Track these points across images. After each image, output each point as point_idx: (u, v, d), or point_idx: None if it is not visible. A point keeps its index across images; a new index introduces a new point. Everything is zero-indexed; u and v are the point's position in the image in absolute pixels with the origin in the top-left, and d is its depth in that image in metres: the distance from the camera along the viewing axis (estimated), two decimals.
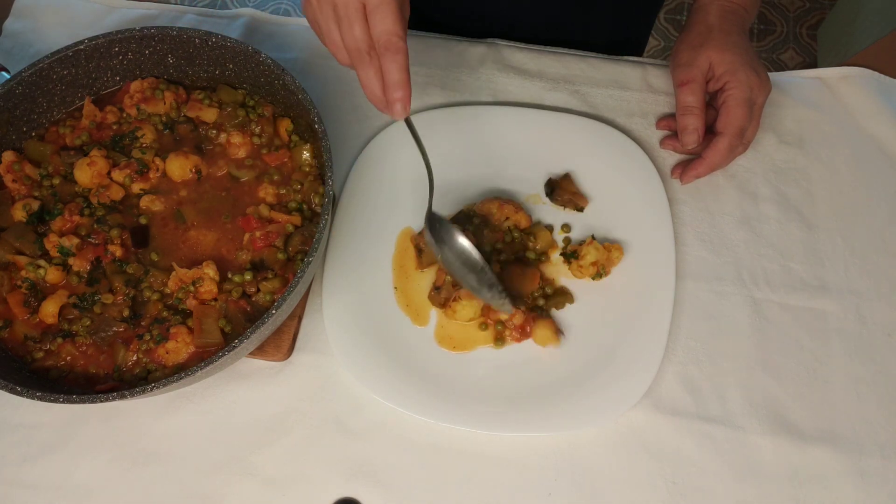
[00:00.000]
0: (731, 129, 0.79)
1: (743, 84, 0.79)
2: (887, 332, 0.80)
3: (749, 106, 0.79)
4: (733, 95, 0.79)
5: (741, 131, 0.80)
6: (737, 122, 0.79)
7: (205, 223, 0.78)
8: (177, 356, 0.71)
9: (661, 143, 0.87)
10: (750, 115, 0.80)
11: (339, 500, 0.73)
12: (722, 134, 0.80)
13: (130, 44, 0.81)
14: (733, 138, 0.80)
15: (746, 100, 0.79)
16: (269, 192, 0.78)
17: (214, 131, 0.81)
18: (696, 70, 0.81)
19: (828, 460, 0.74)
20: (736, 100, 0.79)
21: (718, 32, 0.82)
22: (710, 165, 0.82)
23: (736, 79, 0.79)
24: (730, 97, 0.79)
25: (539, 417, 0.74)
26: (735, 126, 0.79)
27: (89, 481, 0.74)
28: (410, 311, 0.80)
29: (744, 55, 0.80)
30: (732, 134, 0.80)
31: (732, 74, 0.79)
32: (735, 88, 0.79)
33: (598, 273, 0.80)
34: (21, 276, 0.75)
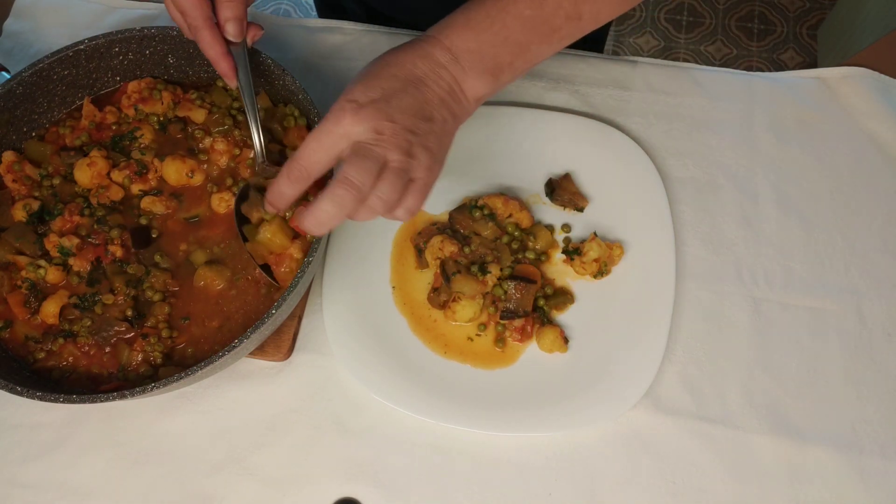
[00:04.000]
0: (291, 157, 0.62)
1: (330, 115, 0.61)
2: (887, 332, 0.80)
3: (321, 140, 0.60)
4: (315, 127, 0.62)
5: (298, 163, 0.61)
6: (297, 152, 0.61)
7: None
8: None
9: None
10: (320, 150, 0.61)
11: (339, 500, 0.73)
12: (287, 162, 0.63)
13: (131, 44, 0.81)
14: (289, 167, 0.62)
15: (320, 132, 0.61)
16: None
17: (201, 132, 0.81)
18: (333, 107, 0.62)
19: (828, 460, 0.74)
20: (313, 130, 0.62)
21: (375, 63, 0.65)
22: (273, 191, 0.63)
23: (331, 108, 0.61)
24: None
25: (539, 417, 0.74)
26: (295, 155, 0.62)
27: (89, 481, 0.74)
28: (405, 310, 0.80)
29: (361, 87, 0.61)
30: (290, 161, 0.62)
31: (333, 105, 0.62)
32: (322, 121, 0.61)
33: (599, 271, 0.80)
34: (21, 277, 0.75)
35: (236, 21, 0.70)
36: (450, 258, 0.79)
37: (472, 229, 0.81)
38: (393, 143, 0.60)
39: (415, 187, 0.62)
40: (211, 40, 0.70)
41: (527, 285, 0.77)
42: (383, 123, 0.60)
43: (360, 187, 0.59)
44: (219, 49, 0.71)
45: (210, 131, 0.81)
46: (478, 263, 0.78)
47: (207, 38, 0.70)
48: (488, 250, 0.79)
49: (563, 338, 0.77)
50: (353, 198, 0.59)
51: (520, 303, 0.77)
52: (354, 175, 0.59)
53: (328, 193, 0.59)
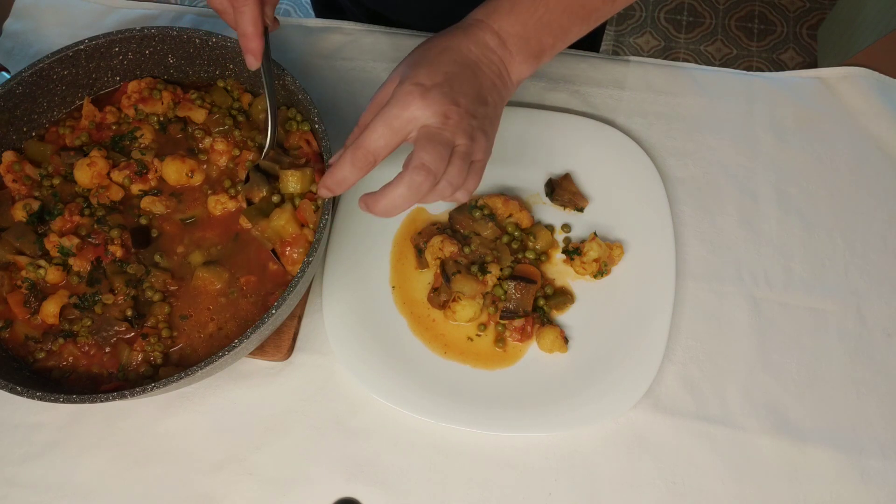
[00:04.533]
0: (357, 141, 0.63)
1: (395, 100, 0.62)
2: (887, 332, 0.80)
3: (388, 123, 0.62)
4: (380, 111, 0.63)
5: (367, 148, 0.63)
6: (364, 136, 0.63)
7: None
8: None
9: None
10: (388, 134, 0.62)
11: (339, 500, 0.73)
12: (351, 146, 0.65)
13: (131, 44, 0.81)
14: (354, 151, 0.63)
15: (388, 117, 0.62)
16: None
17: (201, 132, 0.81)
18: (382, 89, 0.66)
19: (828, 460, 0.74)
20: (377, 115, 0.63)
21: (425, 48, 0.66)
22: (333, 177, 0.65)
23: (394, 93, 0.63)
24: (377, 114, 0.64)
25: (539, 417, 0.74)
26: (361, 139, 0.63)
27: (89, 481, 0.74)
28: (405, 310, 0.80)
29: (424, 72, 0.62)
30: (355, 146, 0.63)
31: (395, 89, 0.63)
32: (387, 104, 0.63)
33: (600, 271, 0.80)
34: (21, 276, 0.75)
35: (272, 5, 0.72)
36: (450, 258, 0.79)
37: (472, 229, 0.81)
38: (459, 127, 0.61)
39: (474, 169, 0.64)
40: (256, 17, 0.69)
41: (527, 285, 0.77)
42: (450, 107, 0.61)
43: (435, 173, 0.60)
44: (260, 27, 0.70)
45: (210, 131, 0.81)
46: (478, 263, 0.78)
47: (253, 14, 0.69)
48: (488, 250, 0.79)
49: (563, 338, 0.77)
50: (429, 183, 0.61)
51: (520, 303, 0.77)
52: (430, 161, 0.60)
53: (405, 179, 0.61)
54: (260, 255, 0.76)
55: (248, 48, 0.71)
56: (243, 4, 0.68)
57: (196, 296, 0.75)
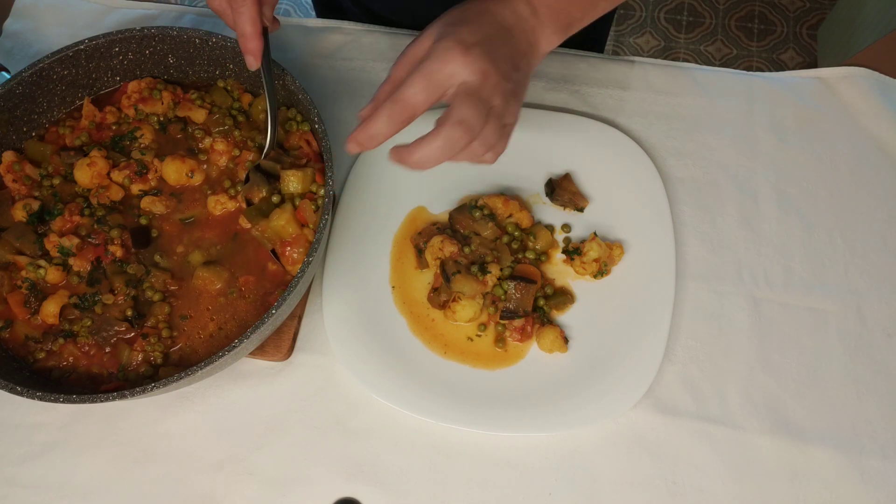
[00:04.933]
0: (394, 95, 0.63)
1: (434, 55, 0.62)
2: (887, 332, 0.80)
3: (428, 78, 0.62)
4: (418, 66, 0.63)
5: (405, 102, 0.62)
6: (402, 91, 0.63)
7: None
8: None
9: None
10: (427, 88, 0.62)
11: (339, 500, 0.73)
12: (387, 100, 0.65)
13: (131, 44, 0.81)
14: (392, 106, 0.63)
15: (427, 72, 0.62)
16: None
17: (201, 132, 0.81)
18: (416, 44, 0.66)
19: (828, 460, 0.74)
20: (415, 69, 0.63)
21: (461, 10, 0.67)
22: (367, 131, 0.64)
23: (432, 49, 0.63)
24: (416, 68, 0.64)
25: (539, 417, 0.74)
26: (398, 93, 0.63)
27: (89, 481, 0.74)
28: (405, 310, 0.80)
29: (464, 31, 0.63)
30: (393, 100, 0.63)
31: (434, 45, 0.63)
32: (424, 60, 0.63)
33: (600, 271, 0.80)
34: (21, 276, 0.75)
35: (271, 6, 0.72)
36: (450, 258, 0.79)
37: (472, 229, 0.81)
38: (497, 87, 0.62)
39: (504, 132, 0.64)
40: (254, 17, 0.69)
41: (527, 285, 0.77)
42: (489, 67, 0.61)
43: (473, 130, 0.60)
44: (258, 27, 0.70)
45: (210, 131, 0.81)
46: (478, 263, 0.78)
47: (251, 15, 0.69)
48: (488, 250, 0.79)
49: (563, 338, 0.77)
50: (466, 140, 0.60)
51: (520, 303, 0.77)
52: (470, 117, 0.60)
53: (443, 133, 0.60)
54: (259, 256, 0.76)
55: (247, 48, 0.71)
56: (241, 5, 0.68)
57: (196, 296, 0.75)
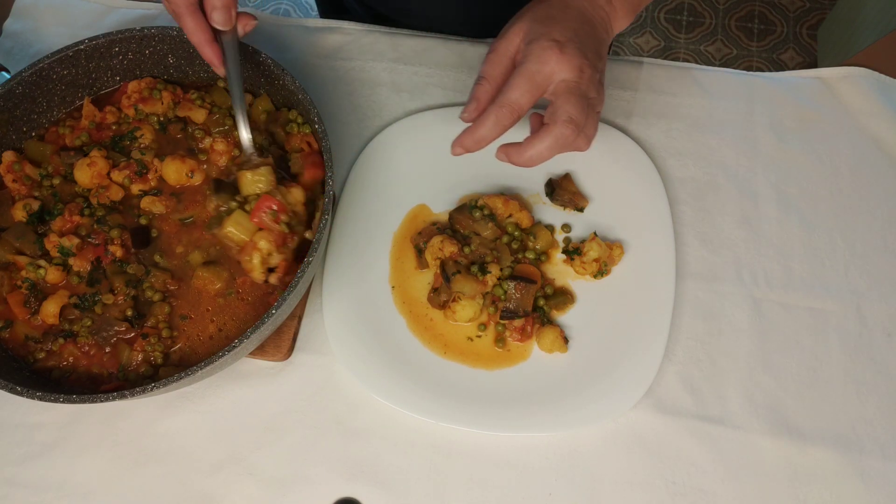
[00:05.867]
0: (500, 100, 0.67)
1: (532, 56, 0.66)
2: (887, 332, 0.80)
3: (531, 79, 0.66)
4: (516, 69, 0.67)
5: (511, 104, 0.66)
6: (507, 94, 0.66)
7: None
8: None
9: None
10: (531, 90, 0.66)
11: (339, 500, 0.73)
12: (491, 104, 0.68)
13: (130, 44, 0.81)
14: (499, 110, 0.66)
15: (528, 73, 0.66)
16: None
17: (201, 132, 0.81)
18: (503, 42, 0.69)
19: (828, 460, 0.74)
20: (515, 72, 0.67)
21: (544, 7, 0.70)
22: (474, 135, 0.68)
23: (528, 50, 0.66)
24: (514, 71, 0.68)
25: (539, 417, 0.74)
26: (504, 97, 0.66)
27: (89, 481, 0.74)
28: (404, 310, 0.80)
29: (555, 29, 0.66)
30: (499, 105, 0.66)
31: (528, 45, 0.67)
32: (522, 61, 0.67)
33: (600, 271, 0.80)
34: (21, 276, 0.75)
35: (223, 9, 0.70)
36: (450, 258, 0.79)
37: (472, 229, 0.81)
38: (591, 81, 0.65)
39: (597, 119, 0.68)
40: (194, 27, 0.69)
41: (527, 285, 0.77)
42: (583, 62, 0.65)
43: (580, 125, 0.64)
44: (202, 36, 0.70)
45: (210, 131, 0.81)
46: (478, 263, 0.78)
47: (190, 25, 0.69)
48: (488, 250, 0.79)
49: (563, 338, 0.77)
50: (574, 136, 0.65)
51: (520, 303, 0.77)
52: (577, 115, 0.64)
53: (553, 132, 0.64)
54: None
55: (204, 58, 0.72)
56: (180, 20, 0.69)
57: (196, 296, 0.75)
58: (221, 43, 0.72)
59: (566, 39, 0.65)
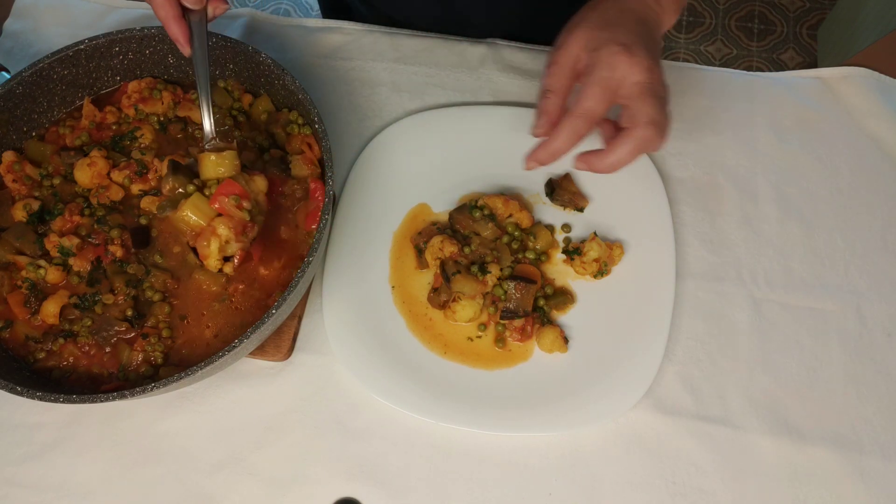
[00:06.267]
0: (575, 111, 0.68)
1: (602, 63, 0.67)
2: (887, 332, 0.80)
3: (604, 86, 0.67)
4: (587, 77, 0.68)
5: (587, 114, 0.67)
6: (581, 104, 0.67)
7: None
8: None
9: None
10: (605, 97, 0.67)
11: (339, 500, 0.73)
12: (565, 115, 0.69)
13: (131, 44, 0.81)
14: (575, 120, 0.68)
15: (601, 80, 0.67)
16: None
17: (201, 132, 0.81)
18: (564, 53, 0.70)
19: (828, 460, 0.74)
20: (587, 81, 0.68)
21: (598, 13, 0.71)
22: (550, 149, 0.69)
23: (596, 57, 0.67)
24: (584, 79, 0.68)
25: (539, 417, 0.74)
26: (579, 108, 0.67)
27: (89, 481, 0.74)
28: (404, 310, 0.80)
29: (617, 33, 0.67)
30: (576, 116, 0.68)
31: (594, 52, 0.67)
32: (591, 69, 0.67)
33: (600, 271, 0.80)
34: (21, 276, 0.75)
35: None
36: (450, 258, 0.79)
37: (472, 229, 0.81)
38: (660, 77, 0.67)
39: (669, 116, 0.68)
40: (162, 2, 0.69)
41: (527, 285, 0.77)
42: (651, 62, 0.66)
43: (660, 125, 0.65)
44: (170, 12, 0.69)
45: None
46: (478, 263, 0.78)
47: (158, 0, 0.69)
48: (488, 250, 0.79)
49: (563, 338, 0.77)
50: (656, 136, 0.65)
51: (520, 303, 0.77)
52: (657, 115, 0.65)
53: (635, 135, 0.65)
54: (249, 261, 0.76)
55: (170, 35, 0.71)
56: None
57: (196, 296, 0.75)
58: (189, 23, 0.71)
59: (631, 42, 0.66)
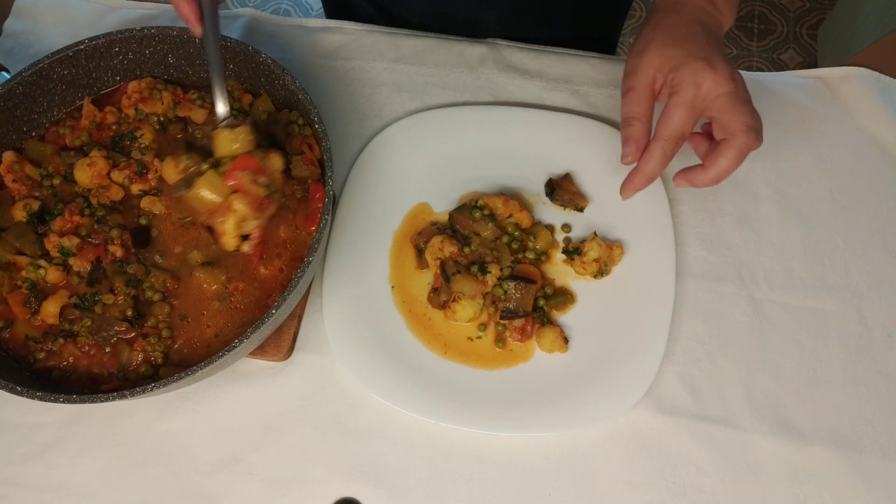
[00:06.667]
0: (664, 133, 0.70)
1: (686, 82, 0.68)
2: (887, 332, 0.80)
3: (689, 106, 0.69)
4: (672, 98, 0.70)
5: (676, 136, 0.70)
6: (670, 126, 0.69)
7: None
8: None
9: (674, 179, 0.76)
10: (691, 116, 0.69)
11: (339, 500, 0.73)
12: (654, 138, 0.71)
13: (131, 44, 0.81)
14: (666, 143, 0.70)
15: (687, 100, 0.68)
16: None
17: (201, 132, 0.81)
18: (640, 77, 0.71)
19: (828, 460, 0.74)
20: (673, 102, 0.69)
21: (664, 31, 0.72)
22: (643, 173, 0.72)
23: (679, 77, 0.69)
24: (669, 100, 0.70)
25: (539, 417, 0.74)
26: (669, 130, 0.69)
27: (90, 481, 0.74)
28: (404, 309, 0.80)
29: (692, 49, 0.69)
30: (666, 138, 0.70)
31: (675, 72, 0.69)
32: (676, 89, 0.69)
33: (600, 271, 0.80)
34: (21, 276, 0.75)
35: None
36: (450, 258, 0.79)
37: (472, 229, 0.81)
38: (743, 83, 0.69)
39: (759, 115, 0.70)
40: None
41: (527, 285, 0.77)
42: (730, 69, 0.68)
43: (758, 129, 0.68)
44: None
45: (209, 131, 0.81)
46: (478, 263, 0.78)
47: None
48: (488, 250, 0.79)
49: (563, 338, 0.77)
50: (755, 140, 0.68)
51: (520, 303, 0.77)
52: (751, 120, 0.67)
53: (734, 144, 0.68)
54: (249, 260, 0.76)
55: (180, 14, 0.69)
56: None
57: (196, 296, 0.75)
58: (199, 3, 0.70)
59: (709, 55, 0.68)
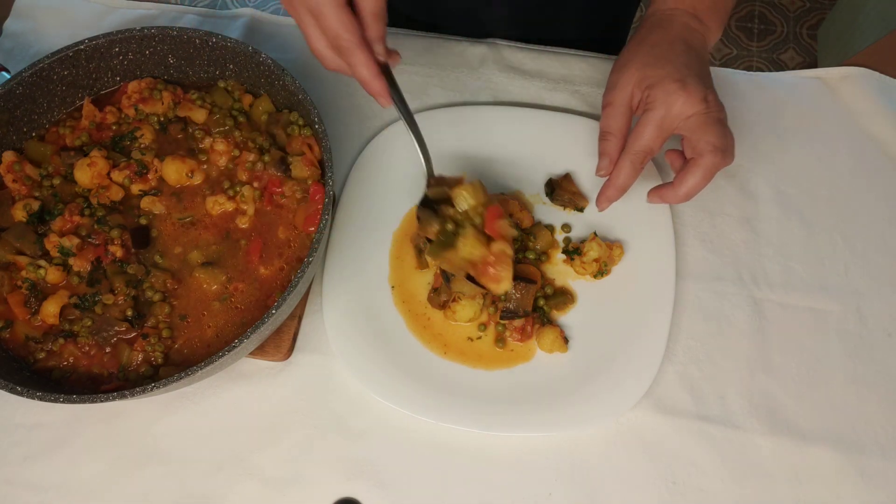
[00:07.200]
0: (633, 148, 0.72)
1: (658, 102, 0.70)
2: (887, 332, 0.80)
3: (659, 125, 0.70)
4: (644, 115, 0.72)
5: (644, 151, 0.72)
6: (639, 142, 0.71)
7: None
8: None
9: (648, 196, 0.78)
10: (660, 134, 0.71)
11: (339, 500, 0.73)
12: (624, 153, 0.73)
13: (131, 44, 0.81)
14: (634, 157, 0.72)
15: (657, 119, 0.70)
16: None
17: (201, 133, 0.81)
18: (618, 93, 0.73)
19: (828, 460, 0.74)
20: (644, 119, 0.71)
21: (646, 48, 0.73)
22: (614, 185, 0.74)
23: (653, 96, 0.70)
24: (641, 117, 0.72)
25: (539, 417, 0.74)
26: (637, 146, 0.71)
27: (90, 481, 0.74)
28: (404, 309, 0.80)
29: (669, 69, 0.70)
30: (634, 153, 0.72)
31: (650, 90, 0.71)
32: (649, 107, 0.71)
33: (599, 271, 0.80)
34: (21, 277, 0.75)
35: (382, 41, 0.68)
36: None
37: None
38: (716, 104, 0.70)
39: (729, 131, 0.71)
40: (366, 60, 0.67)
41: (527, 285, 0.77)
42: (705, 90, 0.69)
43: (724, 149, 0.69)
44: (374, 69, 0.68)
45: (210, 132, 0.81)
46: None
47: (362, 59, 0.66)
48: None
49: (563, 338, 0.77)
50: (722, 159, 0.69)
51: (520, 303, 0.77)
52: (718, 141, 0.68)
53: (702, 164, 0.69)
54: (248, 261, 0.76)
55: (371, 92, 0.69)
56: (351, 55, 0.66)
57: (196, 296, 0.75)
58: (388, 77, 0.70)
59: (684, 76, 0.69)
